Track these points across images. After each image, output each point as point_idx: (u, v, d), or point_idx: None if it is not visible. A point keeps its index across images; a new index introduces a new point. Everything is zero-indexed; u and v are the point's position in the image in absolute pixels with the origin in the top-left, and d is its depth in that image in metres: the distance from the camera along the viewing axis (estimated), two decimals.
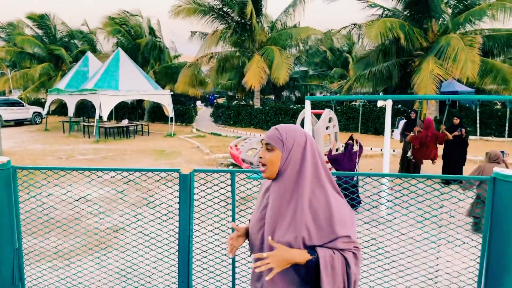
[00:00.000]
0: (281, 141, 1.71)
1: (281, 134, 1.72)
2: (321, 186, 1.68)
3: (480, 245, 2.65)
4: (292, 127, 1.77)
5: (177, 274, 3.02)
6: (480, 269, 2.73)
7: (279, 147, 1.70)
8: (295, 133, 1.74)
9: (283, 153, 1.70)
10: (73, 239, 4.44)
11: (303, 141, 1.73)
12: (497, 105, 21.93)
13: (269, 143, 1.72)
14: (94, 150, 14.57)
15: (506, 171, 2.62)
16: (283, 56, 20.85)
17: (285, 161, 1.70)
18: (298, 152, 1.71)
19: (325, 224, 1.64)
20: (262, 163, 1.74)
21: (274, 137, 1.72)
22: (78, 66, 21.33)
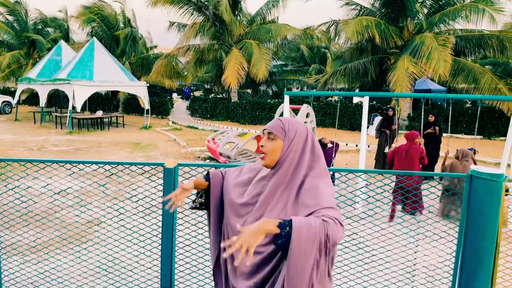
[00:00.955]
0: (283, 131, 1.76)
1: (283, 125, 1.78)
2: (315, 177, 1.71)
3: (456, 239, 2.75)
4: (294, 119, 1.83)
5: (160, 268, 3.01)
6: (455, 263, 2.84)
7: (281, 137, 1.76)
8: (297, 125, 1.80)
9: (285, 142, 1.75)
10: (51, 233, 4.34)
11: (305, 134, 1.79)
12: (468, 103, 22.64)
13: (272, 132, 1.77)
14: (67, 141, 14.22)
15: (482, 168, 2.72)
16: (262, 51, 20.83)
17: (286, 150, 1.75)
18: (299, 143, 1.76)
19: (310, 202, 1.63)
20: (263, 151, 1.78)
21: (277, 127, 1.78)
22: (51, 55, 20.69)
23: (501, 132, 17.09)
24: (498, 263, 2.57)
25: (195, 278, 3.16)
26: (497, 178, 2.64)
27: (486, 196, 2.67)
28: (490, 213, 2.68)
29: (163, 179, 2.97)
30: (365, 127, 7.44)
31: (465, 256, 2.76)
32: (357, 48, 19.67)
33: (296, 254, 1.46)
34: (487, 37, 16.80)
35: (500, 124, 17.16)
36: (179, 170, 3.03)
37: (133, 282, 3.27)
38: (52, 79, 18.05)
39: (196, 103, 25.47)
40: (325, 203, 1.60)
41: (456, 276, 2.81)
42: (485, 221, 2.69)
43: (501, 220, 2.77)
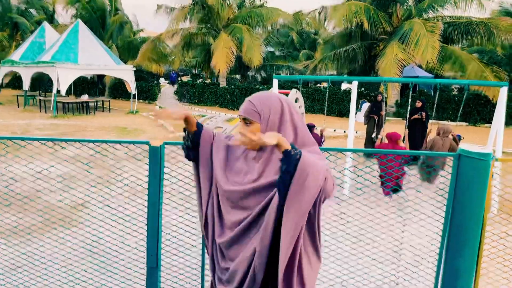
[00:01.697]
0: (257, 113, 1.67)
1: (255, 106, 1.68)
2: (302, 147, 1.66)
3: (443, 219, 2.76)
4: (265, 95, 1.73)
5: (146, 248, 2.97)
6: (442, 241, 2.85)
7: (256, 120, 1.67)
8: (269, 101, 1.70)
9: (262, 124, 1.67)
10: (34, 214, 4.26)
11: (279, 107, 1.70)
12: (454, 91, 22.84)
13: (246, 118, 1.69)
14: (52, 125, 13.97)
15: (471, 147, 2.72)
16: (253, 37, 20.62)
17: (265, 131, 1.67)
18: (276, 119, 1.68)
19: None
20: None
21: (249, 111, 1.68)
22: (34, 37, 20.18)
23: (486, 119, 17.31)
24: (484, 241, 2.58)
25: (181, 258, 3.13)
26: (484, 157, 2.64)
27: (474, 175, 2.67)
28: (477, 192, 2.69)
29: (148, 158, 2.91)
30: (354, 113, 7.43)
31: (451, 234, 2.78)
32: (346, 34, 19.61)
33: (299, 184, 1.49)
34: (475, 23, 16.88)
35: (486, 111, 17.37)
36: (165, 149, 2.97)
37: (119, 262, 3.23)
38: (36, 62, 17.64)
39: (184, 88, 25.20)
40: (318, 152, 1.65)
41: (442, 255, 2.83)
42: (472, 200, 2.69)
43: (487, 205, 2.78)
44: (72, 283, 3.09)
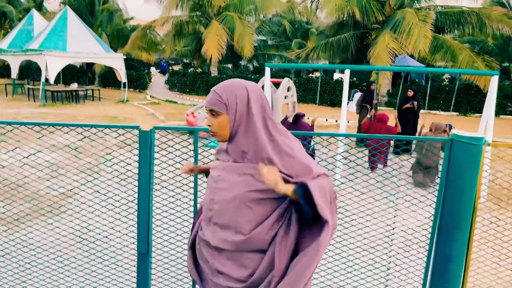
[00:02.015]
0: (223, 104, 1.61)
1: (221, 97, 1.61)
2: (274, 136, 1.63)
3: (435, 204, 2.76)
4: (230, 83, 1.66)
5: (136, 234, 2.93)
6: (433, 226, 2.86)
7: (223, 111, 1.61)
8: (235, 89, 1.63)
9: (230, 115, 1.61)
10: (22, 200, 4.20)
11: (245, 95, 1.63)
12: (445, 81, 22.95)
13: (213, 109, 1.62)
14: (41, 114, 13.78)
15: (463, 132, 2.71)
16: (245, 26, 20.42)
17: (234, 122, 1.62)
18: (243, 108, 1.62)
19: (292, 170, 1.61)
20: (212, 130, 1.65)
21: (215, 102, 1.61)
22: (22, 25, 19.83)
23: (477, 109, 17.44)
24: (475, 226, 2.59)
25: (172, 244, 3.10)
26: (476, 141, 2.64)
27: (466, 160, 2.67)
28: (469, 177, 2.69)
29: (138, 142, 2.86)
30: (346, 103, 7.42)
31: (443, 218, 2.78)
32: (339, 23, 19.54)
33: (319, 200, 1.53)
34: (466, 13, 16.91)
35: (476, 101, 17.49)
36: (155, 134, 2.92)
37: (109, 249, 3.19)
38: (24, 50, 17.34)
39: (175, 77, 24.99)
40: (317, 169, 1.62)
41: (433, 239, 2.84)
42: (463, 184, 2.70)
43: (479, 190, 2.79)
44: (61, 270, 3.05)
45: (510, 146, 2.99)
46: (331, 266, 3.13)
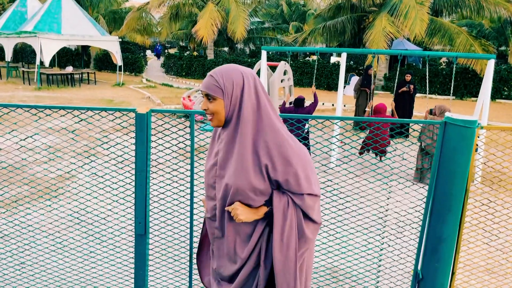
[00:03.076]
0: (219, 89, 1.61)
1: (218, 82, 1.61)
2: (268, 125, 1.62)
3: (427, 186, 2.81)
4: (227, 68, 1.65)
5: (134, 215, 2.97)
6: (425, 208, 2.91)
7: (219, 95, 1.61)
8: (232, 74, 1.63)
9: (225, 100, 1.62)
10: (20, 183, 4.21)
11: (241, 81, 1.63)
12: (442, 65, 22.89)
13: (209, 94, 1.62)
14: (36, 97, 13.70)
15: (456, 115, 2.74)
16: (240, 9, 20.16)
17: (229, 106, 1.63)
18: (239, 93, 1.63)
19: (281, 171, 1.61)
20: (207, 114, 1.66)
21: (211, 86, 1.61)
22: (15, 6, 19.50)
23: (473, 93, 17.47)
24: (467, 207, 2.64)
25: (170, 226, 3.15)
26: (469, 124, 2.67)
27: (458, 142, 2.70)
28: (462, 159, 2.73)
29: (135, 125, 2.87)
30: (342, 86, 7.43)
31: (435, 201, 2.83)
32: (336, 6, 19.35)
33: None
34: None
35: (472, 85, 17.51)
36: (151, 117, 2.94)
37: (107, 230, 3.24)
38: (18, 32, 17.10)
39: (171, 60, 24.80)
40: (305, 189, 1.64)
41: (425, 221, 2.89)
42: (456, 167, 2.74)
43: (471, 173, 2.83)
44: (60, 251, 3.10)
45: (503, 129, 3.02)
46: (325, 247, 3.20)
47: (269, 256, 1.72)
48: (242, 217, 1.64)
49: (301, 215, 1.67)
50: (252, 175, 1.61)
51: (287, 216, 1.64)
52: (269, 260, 1.72)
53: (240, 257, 1.74)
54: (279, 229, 1.64)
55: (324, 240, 3.21)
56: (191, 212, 3.06)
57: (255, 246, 1.73)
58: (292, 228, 1.66)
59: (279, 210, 1.64)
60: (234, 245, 1.75)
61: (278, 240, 1.65)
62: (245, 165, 1.61)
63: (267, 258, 1.73)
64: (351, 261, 2.75)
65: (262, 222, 1.72)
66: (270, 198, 1.67)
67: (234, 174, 1.63)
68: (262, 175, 1.62)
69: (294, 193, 1.65)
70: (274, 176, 1.61)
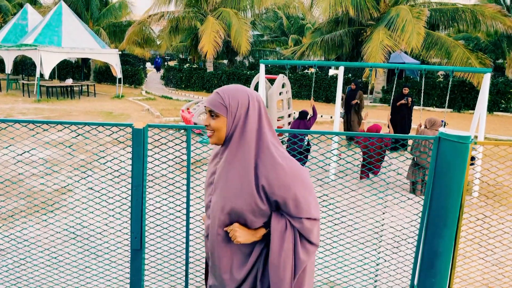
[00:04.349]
0: (224, 107, 1.62)
1: (223, 99, 1.62)
2: (268, 148, 1.63)
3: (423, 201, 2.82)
4: (234, 88, 1.66)
5: (130, 230, 2.97)
6: (421, 223, 2.92)
7: (223, 113, 1.62)
8: (238, 94, 1.64)
9: (228, 118, 1.63)
10: (16, 197, 4.22)
11: (247, 103, 1.64)
12: (439, 78, 23.05)
13: (213, 110, 1.63)
14: (36, 110, 13.74)
15: (449, 131, 2.77)
16: (241, 22, 20.34)
17: (231, 126, 1.64)
18: (242, 114, 1.64)
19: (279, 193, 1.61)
20: (208, 129, 1.67)
21: (216, 103, 1.63)
22: (16, 19, 19.67)
23: (470, 105, 17.55)
24: (462, 222, 2.65)
25: (166, 241, 3.14)
26: (464, 140, 2.69)
27: (453, 158, 2.73)
28: (456, 174, 2.75)
29: (131, 140, 2.89)
30: (340, 99, 7.48)
31: (430, 215, 2.84)
32: (334, 20, 19.55)
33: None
34: (461, 10, 16.97)
35: (470, 97, 17.60)
36: (148, 132, 2.96)
37: (103, 245, 3.23)
38: (18, 45, 17.23)
39: (170, 73, 24.94)
40: (304, 213, 1.64)
41: (421, 235, 2.90)
42: (451, 182, 2.75)
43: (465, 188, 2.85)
44: (55, 266, 3.09)
45: (497, 144, 3.05)
46: (321, 262, 3.19)
47: (265, 278, 1.72)
48: (240, 239, 1.64)
49: (299, 238, 1.67)
50: (251, 196, 1.61)
51: (284, 239, 1.64)
52: (265, 282, 1.72)
53: (236, 278, 1.74)
54: (276, 251, 1.64)
55: (320, 255, 3.20)
56: (187, 227, 3.06)
57: (252, 267, 1.73)
58: (289, 251, 1.65)
59: (276, 233, 1.64)
60: (230, 266, 1.75)
61: (275, 263, 1.64)
62: (245, 186, 1.61)
63: (263, 280, 1.73)
64: (347, 276, 2.74)
65: (260, 244, 1.71)
66: (269, 220, 1.67)
67: (234, 194, 1.63)
68: (261, 196, 1.62)
69: (292, 217, 1.64)
70: (273, 198, 1.62)
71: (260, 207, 1.63)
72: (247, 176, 1.61)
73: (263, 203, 1.63)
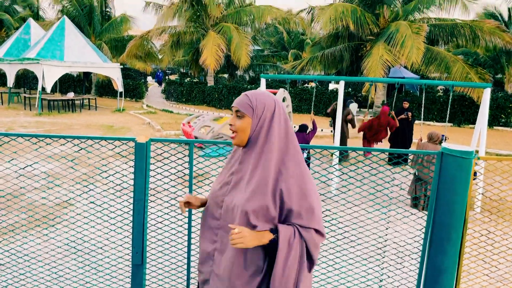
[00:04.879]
0: (251, 108, 1.67)
1: (251, 101, 1.68)
2: (292, 155, 1.67)
3: (426, 216, 2.81)
4: (262, 92, 1.73)
5: (131, 245, 2.95)
6: (425, 238, 2.90)
7: (249, 114, 1.67)
8: (265, 98, 1.70)
9: (253, 119, 1.67)
10: (17, 211, 4.19)
11: (273, 107, 1.70)
12: (439, 92, 23.16)
13: (239, 110, 1.68)
14: (37, 123, 13.77)
15: (452, 146, 2.77)
16: (242, 36, 20.54)
17: (255, 128, 1.67)
18: (268, 117, 1.68)
19: (296, 200, 1.63)
20: (232, 130, 1.70)
21: (244, 104, 1.68)
22: (19, 33, 19.87)
23: (471, 120, 17.60)
24: (466, 238, 2.63)
25: (167, 256, 3.12)
26: (467, 155, 2.69)
27: (456, 173, 2.72)
28: (459, 190, 2.74)
29: (134, 154, 2.89)
30: (341, 113, 7.50)
31: (434, 231, 2.82)
32: (334, 35, 19.73)
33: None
34: (460, 26, 17.12)
35: (470, 112, 17.66)
36: (151, 146, 2.96)
37: (103, 260, 3.20)
38: (21, 59, 17.36)
39: (171, 86, 25.07)
40: (316, 224, 1.64)
41: (425, 251, 2.87)
42: (454, 197, 2.74)
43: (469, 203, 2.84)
44: (56, 281, 3.05)
45: (500, 159, 3.05)
46: (324, 278, 3.16)
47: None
48: (246, 241, 1.58)
49: (305, 249, 1.66)
50: (268, 200, 1.62)
51: (292, 246, 1.62)
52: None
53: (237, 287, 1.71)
54: (282, 259, 1.61)
55: (323, 271, 3.17)
56: (189, 242, 3.04)
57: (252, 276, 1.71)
58: (295, 260, 1.63)
59: (285, 239, 1.61)
60: (230, 273, 1.72)
61: (280, 271, 1.61)
62: (264, 189, 1.62)
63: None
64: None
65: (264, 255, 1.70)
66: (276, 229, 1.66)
67: (250, 196, 1.63)
68: (275, 202, 1.63)
69: (303, 226, 1.64)
70: (288, 204, 1.62)
71: (273, 212, 1.63)
72: (270, 179, 1.62)
73: (275, 208, 1.63)
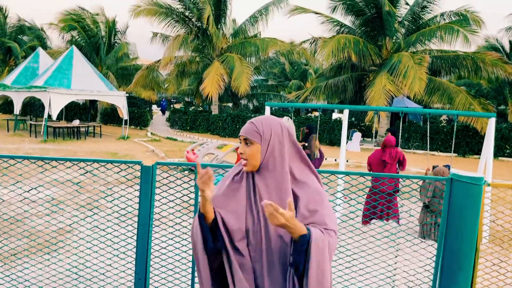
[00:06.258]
0: (258, 134, 1.71)
1: (257, 127, 1.72)
2: (306, 170, 1.74)
3: (436, 244, 2.74)
4: (266, 117, 1.78)
5: (134, 271, 2.89)
6: (435, 266, 2.82)
7: (257, 140, 1.71)
8: (271, 123, 1.75)
9: (262, 145, 1.71)
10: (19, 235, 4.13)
11: (280, 130, 1.74)
12: (443, 122, 23.22)
13: (247, 138, 1.72)
14: (42, 150, 13.83)
15: (463, 172, 2.74)
16: (244, 65, 20.87)
17: (265, 153, 1.71)
18: (276, 141, 1.72)
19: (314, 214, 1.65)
20: (243, 158, 1.73)
21: (251, 131, 1.72)
22: (28, 62, 20.26)
23: (475, 150, 17.54)
24: (478, 267, 2.56)
25: (170, 283, 3.05)
26: (476, 181, 2.65)
27: (466, 199, 2.68)
28: (470, 216, 2.69)
29: (140, 178, 2.87)
30: (345, 141, 7.50)
31: (445, 259, 2.75)
32: (337, 65, 20.02)
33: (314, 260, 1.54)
34: (462, 57, 17.36)
35: (474, 142, 17.62)
36: (157, 169, 2.94)
37: (106, 286, 3.13)
38: (28, 87, 17.63)
39: (176, 115, 25.29)
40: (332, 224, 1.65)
41: (436, 280, 2.79)
42: (464, 224, 2.69)
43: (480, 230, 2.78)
44: None
45: (510, 187, 3.01)
46: None
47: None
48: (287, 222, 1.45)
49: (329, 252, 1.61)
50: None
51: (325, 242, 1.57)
52: None
53: None
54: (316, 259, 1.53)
55: None
56: (193, 269, 2.97)
57: None
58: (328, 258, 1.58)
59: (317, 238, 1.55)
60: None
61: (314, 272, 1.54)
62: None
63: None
64: None
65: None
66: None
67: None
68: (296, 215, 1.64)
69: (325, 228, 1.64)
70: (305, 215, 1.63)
71: None
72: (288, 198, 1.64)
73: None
